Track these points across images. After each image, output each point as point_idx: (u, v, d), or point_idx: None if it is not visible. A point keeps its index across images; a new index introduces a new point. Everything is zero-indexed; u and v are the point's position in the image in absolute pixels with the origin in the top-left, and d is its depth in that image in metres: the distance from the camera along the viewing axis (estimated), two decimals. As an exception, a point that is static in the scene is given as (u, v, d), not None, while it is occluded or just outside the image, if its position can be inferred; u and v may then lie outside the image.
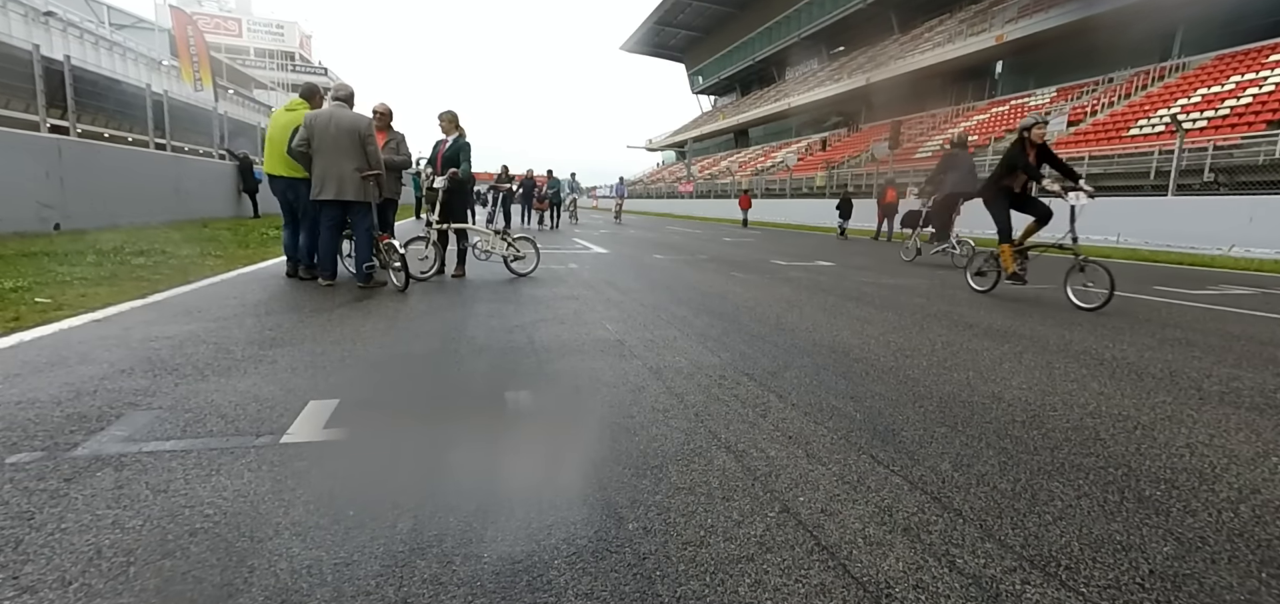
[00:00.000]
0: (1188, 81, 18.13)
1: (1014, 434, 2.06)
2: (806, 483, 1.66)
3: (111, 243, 6.57)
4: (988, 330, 3.83)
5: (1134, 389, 2.62)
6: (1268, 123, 13.94)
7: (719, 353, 3.11)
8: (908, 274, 7.11)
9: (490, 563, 1.26)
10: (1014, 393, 2.52)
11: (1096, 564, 1.31)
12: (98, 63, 21.72)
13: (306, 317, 3.71)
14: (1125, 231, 12.20)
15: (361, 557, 1.26)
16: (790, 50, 41.69)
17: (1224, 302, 5.29)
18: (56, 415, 1.96)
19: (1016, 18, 24.17)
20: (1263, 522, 1.51)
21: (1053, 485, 1.68)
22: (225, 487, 1.53)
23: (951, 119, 27.04)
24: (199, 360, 2.66)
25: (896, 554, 1.33)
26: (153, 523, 1.36)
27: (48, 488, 1.50)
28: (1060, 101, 21.95)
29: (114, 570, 1.18)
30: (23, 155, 7.42)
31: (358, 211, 4.77)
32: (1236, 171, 12.98)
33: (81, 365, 2.50)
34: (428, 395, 2.44)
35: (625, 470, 1.71)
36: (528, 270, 5.97)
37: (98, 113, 10.83)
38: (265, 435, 1.87)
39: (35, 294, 3.86)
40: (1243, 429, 2.15)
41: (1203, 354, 3.29)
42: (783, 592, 1.20)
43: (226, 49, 42.61)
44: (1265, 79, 15.61)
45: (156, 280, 4.71)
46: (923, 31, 31.56)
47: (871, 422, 2.14)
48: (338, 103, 4.71)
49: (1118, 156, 16.23)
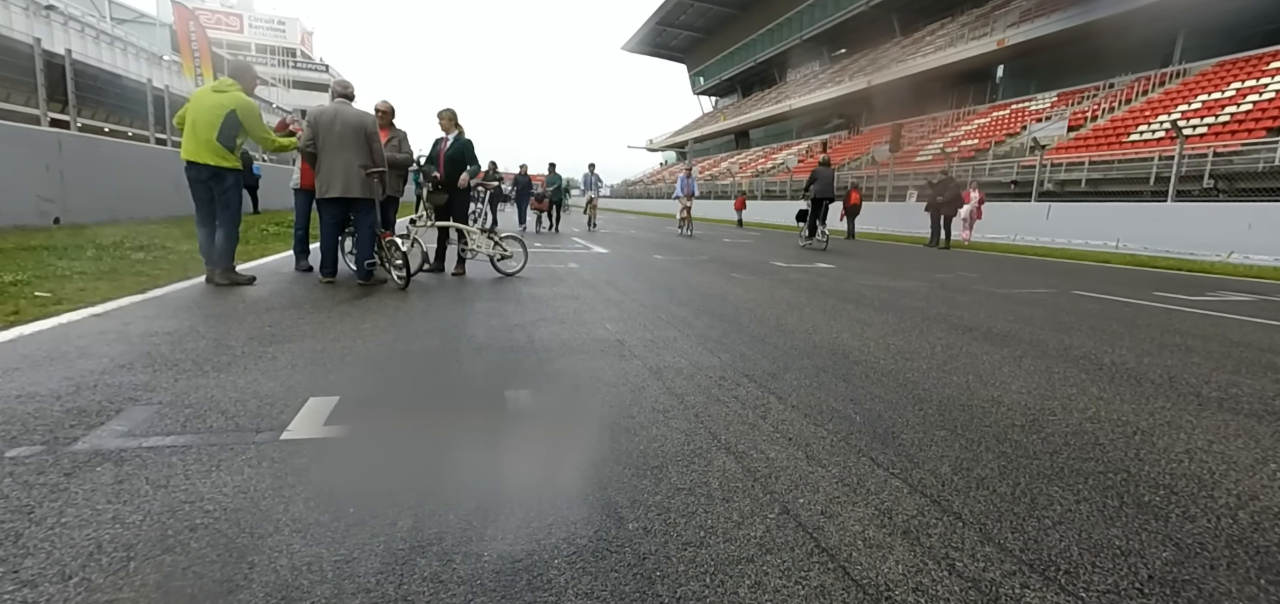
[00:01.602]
0: (1188, 87, 18.16)
1: (1013, 438, 2.06)
2: (806, 485, 1.67)
3: (111, 237, 6.56)
4: (987, 334, 3.83)
5: (1133, 394, 2.62)
6: (1268, 130, 13.96)
7: (719, 354, 3.11)
8: (903, 277, 7.11)
9: (490, 561, 1.26)
10: (1013, 397, 2.53)
11: (1096, 569, 1.32)
12: (98, 57, 21.70)
13: (306, 313, 3.70)
14: (1124, 237, 12.21)
15: (362, 554, 1.26)
16: (792, 52, 41.72)
17: (1223, 308, 5.30)
18: (56, 410, 1.96)
19: (1018, 22, 24.20)
20: (1261, 528, 1.52)
21: (1052, 490, 1.68)
22: (225, 482, 1.53)
23: (952, 122, 27.08)
24: (199, 355, 2.65)
25: (896, 557, 1.34)
26: (153, 518, 1.36)
27: (48, 482, 1.50)
28: (1061, 106, 21.97)
29: (114, 565, 1.18)
30: (23, 149, 7.40)
31: (362, 209, 4.76)
32: (1236, 178, 13.00)
33: (81, 360, 2.50)
34: (428, 394, 2.44)
35: (625, 470, 1.71)
36: (514, 270, 5.92)
37: (98, 107, 10.82)
38: (265, 431, 1.87)
39: (35, 288, 3.85)
40: (1241, 435, 2.16)
41: (1202, 360, 3.30)
42: (783, 593, 1.20)
43: (228, 44, 42.57)
44: (1266, 86, 15.64)
45: (156, 275, 4.70)
46: (924, 35, 31.58)
47: (871, 424, 2.15)
48: (341, 99, 4.70)
49: (1118, 162, 16.26)
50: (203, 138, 4.36)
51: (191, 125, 4.38)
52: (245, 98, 4.51)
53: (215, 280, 4.51)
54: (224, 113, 4.37)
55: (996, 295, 5.64)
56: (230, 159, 4.47)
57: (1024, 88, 25.64)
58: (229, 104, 4.39)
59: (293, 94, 46.07)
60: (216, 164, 4.42)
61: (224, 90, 4.46)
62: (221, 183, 4.48)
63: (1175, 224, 11.38)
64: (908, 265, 8.74)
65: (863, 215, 17.90)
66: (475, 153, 5.78)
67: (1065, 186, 17.34)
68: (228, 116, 4.37)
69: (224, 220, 4.53)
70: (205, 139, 4.37)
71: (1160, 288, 6.68)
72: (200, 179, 4.44)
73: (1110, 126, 18.53)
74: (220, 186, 4.48)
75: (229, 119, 4.38)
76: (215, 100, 4.41)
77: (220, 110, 4.37)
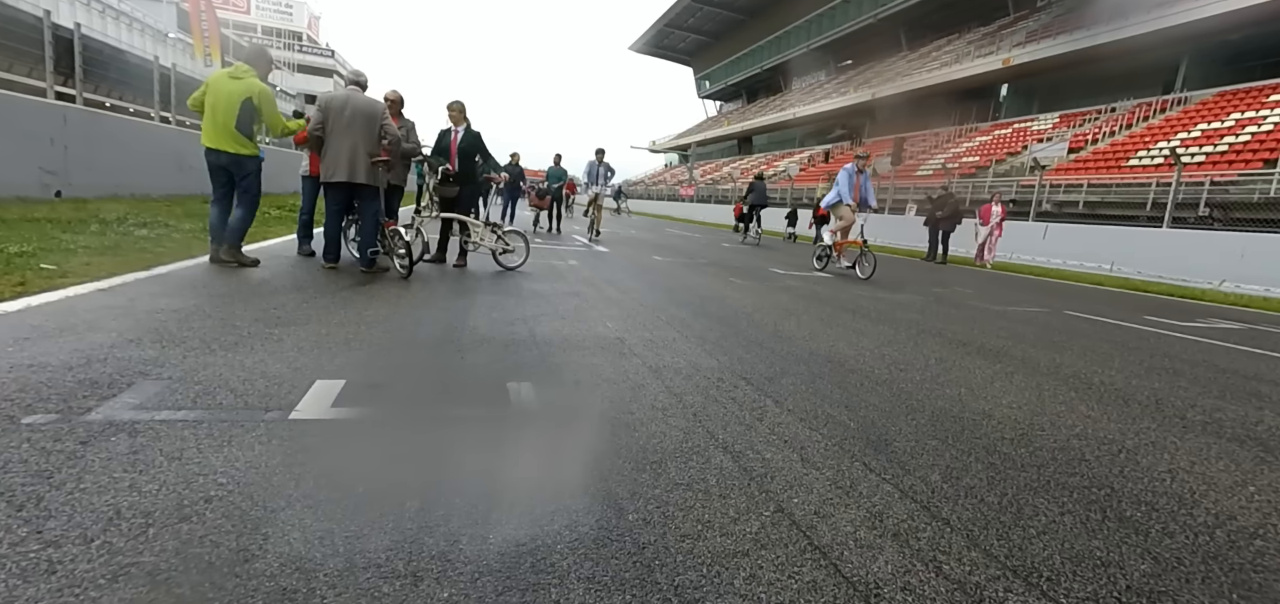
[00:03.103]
0: (1189, 115, 18.32)
1: (1002, 450, 2.12)
2: (801, 485, 1.72)
3: (114, 213, 6.57)
4: (981, 349, 3.90)
5: (1120, 414, 2.69)
6: (1264, 161, 14.11)
7: (717, 356, 3.16)
8: (900, 290, 7.19)
9: (496, 544, 1.30)
10: (1004, 411, 2.58)
11: (1077, 577, 1.37)
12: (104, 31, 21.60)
13: (310, 297, 3.74)
14: (1119, 260, 12.32)
15: (371, 530, 1.30)
16: (798, 60, 41.81)
17: (1212, 335, 5.38)
18: (68, 380, 1.99)
19: (1024, 42, 24.37)
20: (1237, 546, 1.58)
21: (1038, 501, 1.74)
22: (237, 458, 1.58)
23: (954, 138, 27.21)
24: (205, 334, 2.69)
25: (886, 557, 1.39)
26: (168, 488, 1.40)
27: (64, 449, 1.53)
28: (1062, 127, 22.13)
29: (134, 531, 1.22)
30: (28, 120, 7.41)
31: (366, 196, 4.80)
32: (1231, 207, 13.13)
33: (90, 333, 2.54)
34: (433, 382, 2.48)
35: (625, 464, 1.75)
36: (516, 264, 5.96)
37: (101, 81, 10.79)
38: (274, 411, 1.91)
39: (40, 260, 3.87)
40: (1223, 458, 2.22)
41: (1189, 384, 3.37)
42: (776, 586, 1.25)
43: (234, 26, 42.36)
44: (1264, 118, 15.80)
45: (160, 253, 4.73)
46: (930, 50, 31.74)
47: (865, 431, 2.20)
48: (353, 87, 4.74)
49: (1116, 185, 16.40)
50: (222, 125, 4.48)
51: (211, 111, 4.47)
52: (261, 84, 4.60)
53: (221, 258, 4.56)
54: (241, 101, 4.46)
55: (991, 312, 5.71)
56: (249, 146, 4.60)
57: (1027, 107, 25.80)
58: (245, 91, 4.49)
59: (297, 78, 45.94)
60: (236, 152, 4.55)
61: (240, 76, 4.55)
62: (241, 169, 4.62)
63: (1170, 250, 11.49)
64: (905, 278, 8.82)
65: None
66: (486, 145, 5.83)
67: (1063, 208, 17.47)
68: (244, 104, 4.48)
69: (244, 203, 4.68)
70: (224, 126, 4.48)
71: (1152, 312, 6.77)
72: (220, 164, 4.59)
73: (1110, 150, 18.69)
74: (241, 173, 4.62)
75: (246, 107, 4.49)
76: (232, 87, 4.49)
77: (237, 98, 4.46)
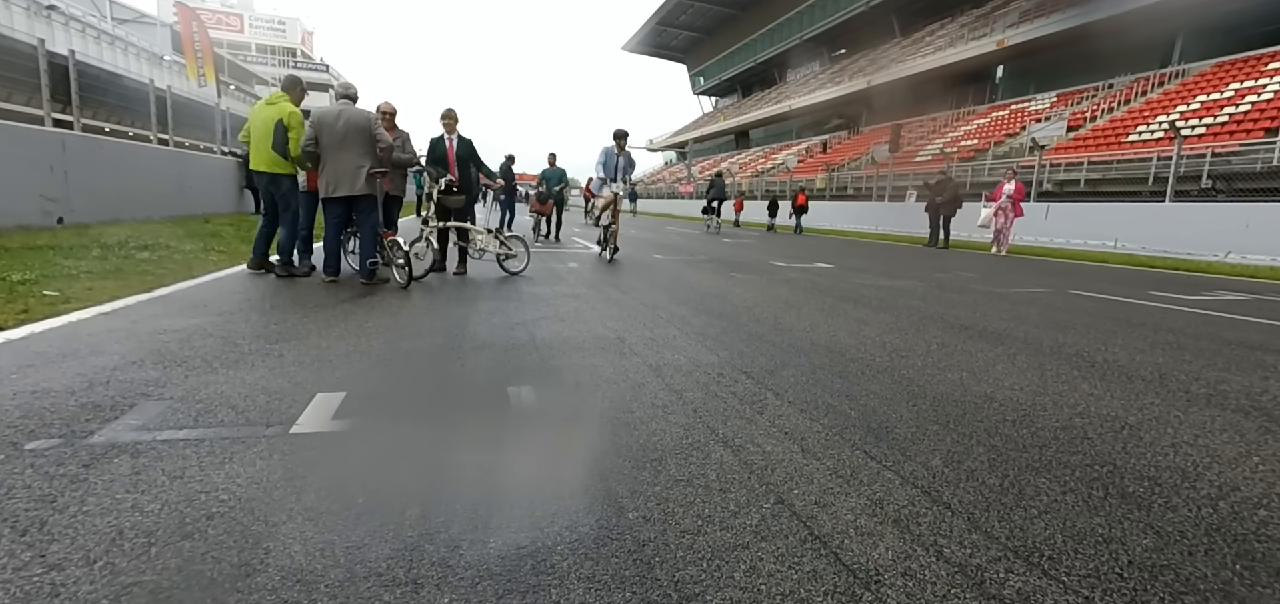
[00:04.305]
0: (1187, 88, 18.22)
1: (1004, 432, 2.11)
2: (801, 476, 1.72)
3: (115, 237, 6.61)
4: (983, 332, 3.89)
5: (1123, 391, 2.68)
6: (1265, 130, 14.01)
7: (717, 351, 3.16)
8: (901, 277, 7.17)
9: (496, 548, 1.31)
10: (1006, 393, 2.58)
11: (1078, 555, 1.37)
12: (100, 57, 21.76)
13: (310, 311, 3.76)
14: (1122, 236, 12.27)
15: (372, 540, 1.31)
16: (792, 52, 41.79)
17: (1217, 307, 5.35)
18: (71, 404, 2.01)
19: (1018, 23, 24.26)
20: (1240, 517, 1.57)
21: (1039, 481, 1.74)
22: (238, 474, 1.59)
23: (952, 122, 27.12)
24: (207, 353, 2.71)
25: (886, 544, 1.39)
26: (170, 507, 1.41)
27: (67, 473, 1.55)
28: (1060, 106, 22.04)
29: (136, 550, 1.23)
30: (27, 149, 7.46)
31: (364, 208, 4.82)
32: (1234, 178, 13.05)
33: (92, 357, 2.55)
34: (433, 389, 2.49)
35: (625, 463, 1.76)
36: (519, 269, 6.00)
37: (99, 107, 10.85)
38: (275, 426, 1.92)
39: (43, 287, 3.90)
40: (1227, 430, 2.21)
41: (1193, 358, 3.35)
42: (776, 577, 1.25)
43: (228, 44, 42.60)
44: (1264, 87, 15.69)
45: (161, 275, 4.75)
46: (924, 35, 31.64)
47: (866, 419, 2.20)
48: (345, 100, 4.76)
49: (1116, 162, 16.32)
50: (261, 148, 4.97)
51: (254, 135, 5.02)
52: (291, 107, 5.07)
53: (276, 273, 5.04)
54: (274, 123, 4.87)
55: (993, 294, 5.69)
56: (284, 166, 5.02)
57: (1023, 88, 25.71)
58: (277, 114, 4.92)
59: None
60: (272, 171, 5.02)
61: (274, 102, 5.04)
62: (278, 187, 5.09)
63: (1173, 224, 11.43)
64: (906, 265, 8.80)
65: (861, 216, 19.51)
66: (477, 151, 5.85)
67: (1064, 187, 17.41)
68: (277, 126, 4.89)
69: (285, 220, 5.16)
70: (262, 149, 4.97)
71: (1157, 287, 6.74)
72: (261, 184, 5.14)
73: (1109, 127, 18.59)
74: (278, 190, 5.14)
75: (278, 128, 4.89)
76: (268, 113, 4.98)
77: (271, 121, 4.92)
